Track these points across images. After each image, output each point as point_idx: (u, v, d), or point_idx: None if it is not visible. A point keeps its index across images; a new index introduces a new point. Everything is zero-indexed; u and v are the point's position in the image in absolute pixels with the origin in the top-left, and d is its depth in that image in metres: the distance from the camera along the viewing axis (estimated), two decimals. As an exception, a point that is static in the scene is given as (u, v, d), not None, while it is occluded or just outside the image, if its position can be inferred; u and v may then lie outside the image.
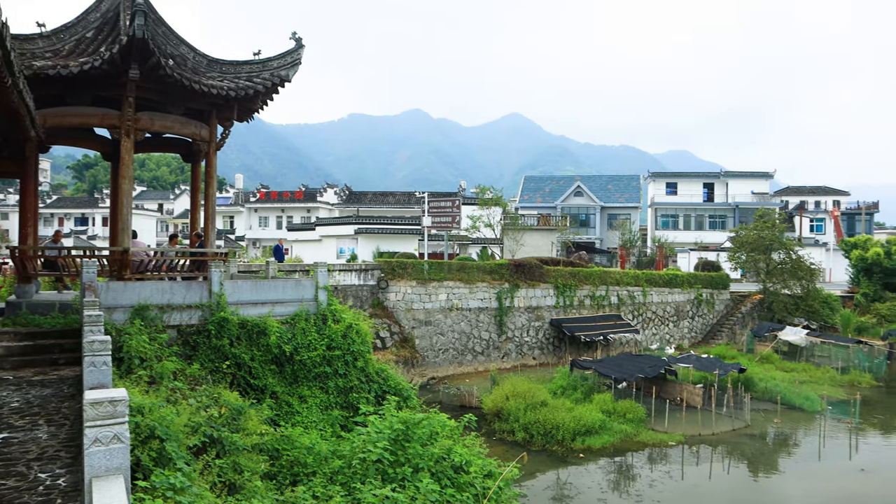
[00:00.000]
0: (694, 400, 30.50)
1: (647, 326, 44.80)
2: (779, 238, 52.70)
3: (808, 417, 30.78)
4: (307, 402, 15.84)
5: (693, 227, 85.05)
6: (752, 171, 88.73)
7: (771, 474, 23.95)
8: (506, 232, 57.13)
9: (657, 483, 21.98)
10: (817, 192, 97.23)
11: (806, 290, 50.79)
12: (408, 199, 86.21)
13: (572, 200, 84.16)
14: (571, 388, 30.39)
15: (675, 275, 48.75)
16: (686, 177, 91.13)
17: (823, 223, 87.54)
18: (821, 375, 38.45)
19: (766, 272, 51.81)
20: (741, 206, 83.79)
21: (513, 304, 38.88)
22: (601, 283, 42.86)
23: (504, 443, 25.11)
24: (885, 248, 56.18)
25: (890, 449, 27.31)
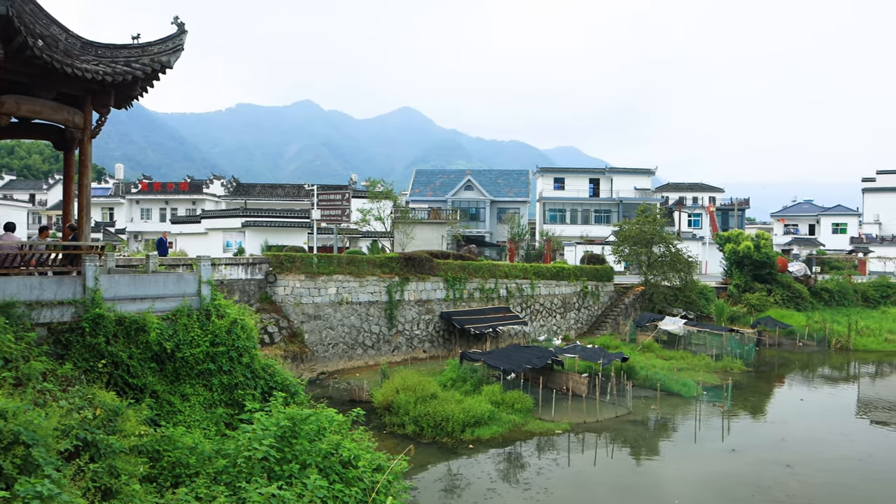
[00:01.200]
0: (579, 389, 31.35)
1: (535, 318, 45.73)
2: (659, 232, 54.86)
3: (686, 402, 32.21)
4: (190, 401, 15.27)
5: (579, 221, 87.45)
6: (636, 168, 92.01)
7: (651, 458, 24.93)
8: (396, 225, 57.07)
9: (545, 470, 22.47)
10: (695, 189, 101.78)
11: (684, 281, 53.10)
12: (297, 191, 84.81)
13: (463, 194, 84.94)
14: (461, 380, 30.68)
15: (562, 268, 49.98)
16: (573, 172, 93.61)
17: (700, 218, 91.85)
18: (697, 362, 40.35)
19: (648, 265, 53.86)
20: (625, 201, 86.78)
21: (403, 297, 38.88)
22: (490, 276, 43.43)
23: (395, 436, 25.09)
24: (754, 242, 59.39)
25: (758, 430, 28.92)
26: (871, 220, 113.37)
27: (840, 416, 32.46)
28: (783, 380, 40.64)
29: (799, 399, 35.81)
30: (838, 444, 27.10)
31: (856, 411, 34.07)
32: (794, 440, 27.20)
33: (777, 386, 38.93)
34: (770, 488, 21.47)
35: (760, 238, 61.02)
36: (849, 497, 21.18)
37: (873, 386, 40.91)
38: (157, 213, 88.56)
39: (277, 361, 18.89)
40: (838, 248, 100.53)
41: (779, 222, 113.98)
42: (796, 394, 37.19)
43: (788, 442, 26.85)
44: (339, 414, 14.81)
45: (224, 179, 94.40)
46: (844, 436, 28.46)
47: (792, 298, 59.36)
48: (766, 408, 33.49)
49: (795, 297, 59.70)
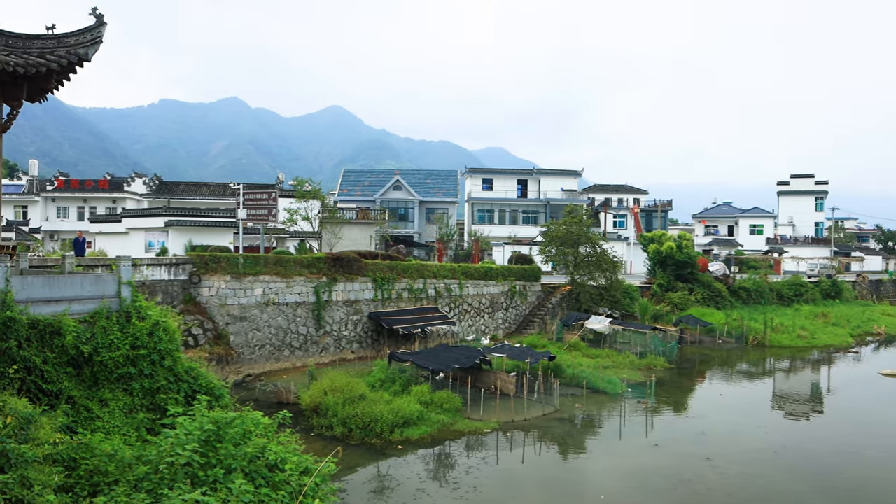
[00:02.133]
0: (507, 388, 31.58)
1: (463, 318, 45.94)
2: (586, 233, 55.78)
3: (611, 399, 32.83)
4: (109, 406, 14.79)
5: (508, 221, 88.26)
6: (563, 170, 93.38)
7: (578, 454, 25.33)
8: (324, 225, 56.55)
9: (474, 469, 22.58)
10: (620, 191, 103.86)
11: (609, 281, 54.09)
12: (223, 190, 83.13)
13: (391, 194, 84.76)
14: (390, 380, 30.57)
15: (490, 268, 50.33)
16: (501, 173, 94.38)
17: (625, 219, 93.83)
18: (622, 360, 41.17)
19: (575, 265, 54.69)
20: (552, 202, 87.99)
21: (331, 298, 38.53)
22: (419, 276, 43.44)
23: (323, 438, 24.83)
24: (677, 243, 60.99)
25: (680, 424, 29.69)
26: (786, 221, 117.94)
27: (756, 410, 33.65)
28: (704, 376, 41.82)
29: (718, 394, 36.92)
30: (754, 436, 28.07)
31: (771, 405, 35.33)
32: (714, 434, 28.05)
33: (698, 382, 40.04)
34: (691, 481, 22.09)
35: (682, 239, 62.70)
36: (762, 487, 21.94)
37: (787, 380, 42.48)
38: (75, 212, 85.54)
39: (202, 364, 18.50)
40: (755, 248, 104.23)
41: (700, 223, 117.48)
42: (716, 389, 38.34)
43: (708, 436, 27.66)
44: (266, 417, 14.59)
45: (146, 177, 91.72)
46: (760, 428, 29.52)
47: (712, 297, 61.19)
48: (688, 403, 34.40)
49: (715, 295, 61.57)
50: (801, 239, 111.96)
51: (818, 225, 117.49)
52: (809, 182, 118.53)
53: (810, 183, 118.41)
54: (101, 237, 54.64)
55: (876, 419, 32.30)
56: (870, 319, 65.68)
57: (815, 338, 54.63)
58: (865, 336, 59.81)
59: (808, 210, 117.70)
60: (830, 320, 61.52)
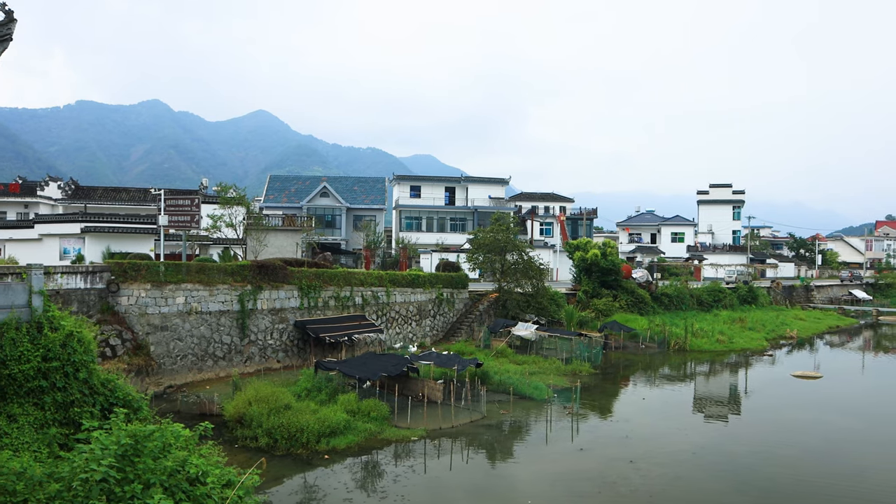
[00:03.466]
0: (435, 395, 31.57)
1: (391, 326, 45.73)
2: (513, 240, 56.27)
3: (538, 405, 33.13)
4: (18, 422, 14.11)
5: (435, 228, 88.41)
6: (491, 178, 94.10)
7: (505, 460, 25.45)
8: (249, 232, 55.52)
9: (401, 478, 22.44)
10: (547, 199, 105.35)
11: (536, 288, 54.66)
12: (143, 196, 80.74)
13: (318, 201, 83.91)
14: (316, 389, 30.17)
15: (417, 275, 50.27)
16: (429, 181, 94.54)
17: (552, 227, 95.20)
18: (548, 366, 41.62)
19: (502, 272, 55.10)
20: (480, 209, 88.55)
21: (256, 306, 37.83)
22: (346, 283, 43.06)
23: (247, 450, 24.29)
24: (601, 250, 62.13)
25: (605, 428, 30.15)
26: (706, 229, 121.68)
27: (678, 413, 34.50)
28: (628, 380, 42.63)
29: (642, 398, 37.68)
30: (676, 438, 28.77)
31: (692, 407, 36.25)
32: (637, 437, 28.61)
33: (622, 386, 40.78)
34: (615, 483, 22.47)
35: (607, 246, 63.90)
36: (682, 487, 22.52)
37: (707, 383, 43.68)
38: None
39: (120, 376, 17.84)
40: (677, 255, 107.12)
41: (624, 231, 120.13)
42: (639, 393, 39.12)
43: (632, 439, 28.19)
44: (187, 429, 14.18)
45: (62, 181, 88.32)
46: (681, 430, 30.28)
47: (636, 303, 62.50)
48: (613, 407, 34.99)
49: (639, 302, 62.91)
50: (719, 246, 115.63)
51: (735, 233, 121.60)
52: (727, 192, 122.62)
53: (728, 192, 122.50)
54: (12, 244, 52.37)
55: (788, 419, 33.52)
56: (783, 324, 68.20)
57: (733, 342, 56.38)
58: (779, 339, 62.04)
59: (726, 219, 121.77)
60: (747, 325, 63.62)
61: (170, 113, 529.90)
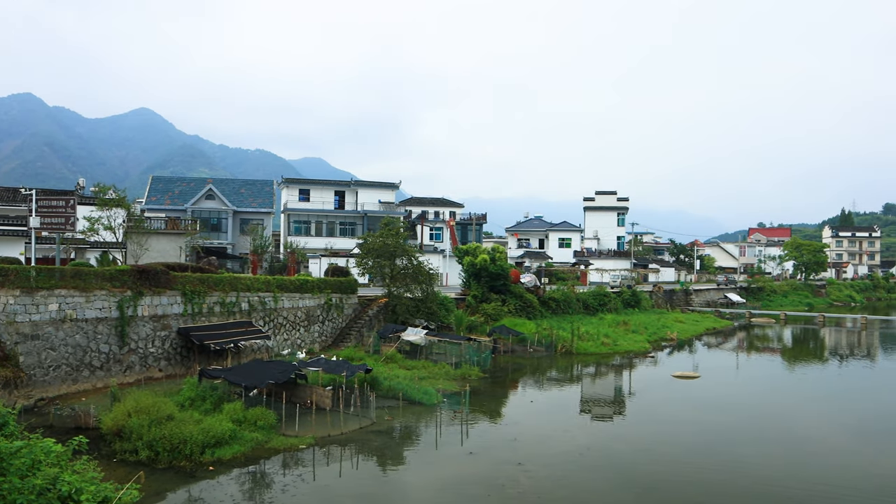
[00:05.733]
0: (324, 402, 31.17)
1: (278, 332, 44.82)
2: (402, 245, 56.21)
3: (428, 410, 33.20)
4: None
5: (325, 233, 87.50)
6: (381, 182, 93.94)
7: (396, 466, 25.37)
8: (129, 236, 53.30)
9: (290, 487, 22.02)
10: (437, 204, 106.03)
11: (426, 293, 54.79)
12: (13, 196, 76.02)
13: (204, 204, 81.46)
14: (200, 398, 29.16)
15: (306, 280, 49.48)
16: (319, 184, 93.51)
17: (442, 232, 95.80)
18: (438, 371, 41.80)
19: (391, 277, 54.94)
20: (370, 214, 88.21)
21: (136, 313, 36.23)
22: (232, 289, 41.90)
23: (126, 464, 23.19)
24: (490, 255, 62.93)
25: (494, 432, 30.52)
26: (591, 235, 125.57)
27: (565, 414, 35.37)
28: (516, 384, 43.32)
29: (530, 401, 38.38)
30: (562, 439, 29.47)
31: (578, 409, 37.21)
32: (525, 439, 29.11)
33: (511, 390, 41.41)
34: (503, 486, 22.77)
35: (496, 251, 64.80)
36: (569, 487, 23.07)
37: (593, 385, 44.96)
38: None
39: (-17, 388, 16.68)
40: (564, 260, 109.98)
41: (513, 237, 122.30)
42: (528, 396, 39.84)
43: (520, 441, 28.66)
44: (59, 444, 13.38)
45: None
46: (567, 432, 31.05)
47: (524, 308, 63.63)
48: (502, 411, 35.47)
49: (527, 306, 64.08)
50: (605, 252, 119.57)
51: (620, 239, 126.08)
52: (612, 199, 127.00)
53: (613, 199, 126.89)
54: None
55: (669, 417, 34.95)
56: (664, 326, 71.08)
57: (618, 344, 58.30)
58: (661, 341, 64.60)
59: (611, 225, 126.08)
60: (630, 328, 65.93)
61: (43, 108, 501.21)
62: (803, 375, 51.18)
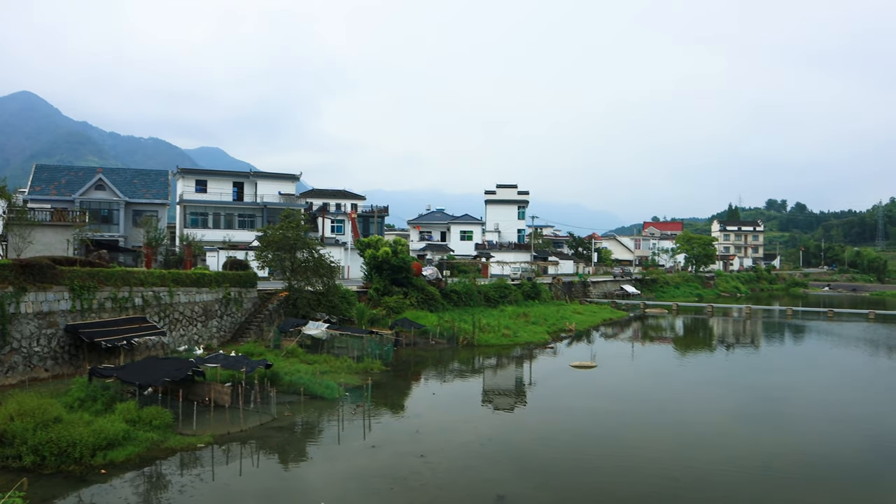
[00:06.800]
0: (222, 399, 30.48)
1: (174, 328, 43.43)
2: (303, 238, 55.41)
3: (330, 405, 32.94)
4: None
5: (223, 225, 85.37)
6: (281, 173, 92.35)
7: (298, 462, 25.04)
8: (11, 228, 50.44)
9: (188, 487, 21.40)
10: (338, 196, 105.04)
11: (327, 286, 54.23)
12: None
13: (93, 194, 77.99)
14: (91, 399, 27.94)
15: (203, 274, 48.09)
16: (216, 175, 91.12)
17: (343, 224, 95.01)
18: (340, 365, 41.49)
19: (292, 270, 54.09)
20: (269, 206, 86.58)
21: (19, 310, 34.31)
22: (124, 283, 40.29)
23: (9, 471, 21.95)
24: (392, 248, 62.86)
25: (396, 425, 30.54)
26: (493, 228, 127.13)
27: (467, 406, 35.74)
28: (419, 376, 43.45)
29: (432, 393, 38.59)
30: (464, 430, 29.75)
31: (480, 400, 37.65)
32: (427, 431, 29.26)
33: (413, 383, 41.50)
34: (406, 478, 22.82)
35: (398, 244, 64.76)
36: (470, 477, 23.35)
37: (494, 376, 45.55)
38: None
39: None
40: (466, 253, 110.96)
41: (415, 229, 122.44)
42: (430, 389, 40.03)
43: (422, 433, 28.78)
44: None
45: None
46: (469, 423, 31.37)
47: (426, 300, 63.87)
48: (404, 404, 35.50)
49: (429, 299, 64.34)
50: (505, 244, 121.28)
51: (520, 231, 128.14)
52: (513, 192, 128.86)
53: (514, 193, 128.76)
54: None
55: (567, 406, 35.85)
56: (563, 317, 72.82)
57: (518, 336, 59.31)
58: (560, 332, 66.13)
59: (512, 218, 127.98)
60: (531, 319, 67.20)
61: None
62: (693, 363, 53.39)
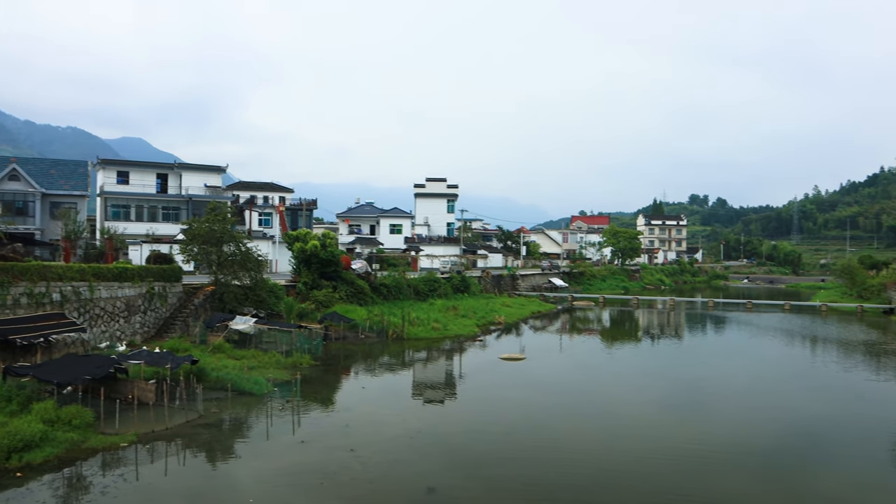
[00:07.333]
0: (146, 396, 29.78)
1: (95, 324, 42.11)
2: (230, 231, 54.38)
3: (258, 400, 32.54)
4: None
5: (146, 218, 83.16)
6: (207, 165, 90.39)
7: (226, 459, 24.65)
8: (-82, 221, 48.19)
9: (111, 488, 20.83)
10: (266, 188, 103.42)
11: (255, 280, 53.39)
12: None
13: (7, 185, 74.87)
14: (5, 399, 26.87)
15: (125, 268, 46.73)
16: (139, 166, 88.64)
17: (271, 217, 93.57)
18: (268, 360, 40.96)
19: (218, 264, 53.04)
20: (195, 198, 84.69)
21: (-72, 306, 32.83)
22: (41, 278, 38.82)
23: (-85, 474, 21.02)
24: (321, 242, 62.30)
25: (326, 419, 30.37)
26: (422, 221, 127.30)
27: (397, 399, 35.80)
28: (348, 371, 43.26)
29: (362, 387, 38.49)
30: (394, 424, 29.78)
31: (410, 394, 37.73)
32: (357, 426, 29.17)
33: (343, 377, 41.31)
34: (336, 473, 22.72)
35: (327, 237, 64.21)
36: (400, 470, 23.45)
37: (424, 370, 45.71)
38: None
39: None
40: (395, 246, 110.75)
41: (344, 223, 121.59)
42: (360, 382, 39.91)
43: (352, 428, 28.67)
44: None
45: None
46: (399, 416, 31.46)
47: (355, 294, 63.55)
48: (334, 398, 35.31)
49: (358, 292, 64.03)
50: (435, 238, 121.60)
51: (450, 225, 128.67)
52: (442, 185, 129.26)
53: (443, 186, 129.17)
54: None
55: (497, 398, 36.25)
56: (492, 310, 73.50)
57: (448, 329, 59.59)
58: (489, 325, 66.73)
59: (442, 211, 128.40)
60: (460, 312, 67.57)
61: None
62: (620, 355, 54.63)
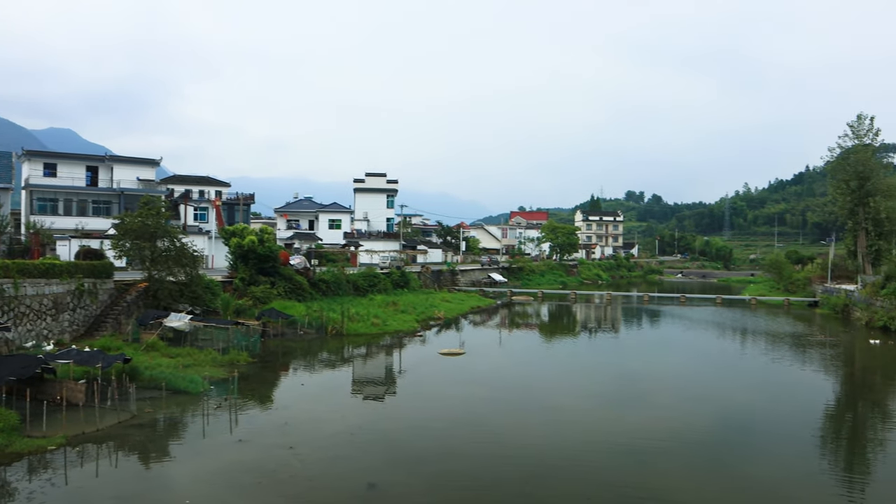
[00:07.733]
0: (76, 397, 28.80)
1: (20, 322, 40.53)
2: (164, 226, 52.99)
3: (194, 399, 31.81)
4: None
5: (75, 212, 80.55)
6: (139, 158, 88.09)
7: (160, 460, 24.02)
8: None
9: (38, 494, 20.01)
10: (202, 182, 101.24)
11: (190, 276, 52.16)
12: None
13: (-74, 179, 71.71)
14: (-77, 401, 25.70)
15: (53, 264, 45.10)
16: (68, 158, 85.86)
17: (207, 212, 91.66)
18: (204, 358, 40.10)
19: (152, 260, 51.65)
20: (127, 192, 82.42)
21: None
22: (-36, 275, 37.27)
23: None
24: (259, 237, 61.33)
25: (264, 417, 29.84)
26: (362, 216, 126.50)
27: (336, 396, 35.43)
28: (287, 368, 42.68)
29: (301, 384, 38.01)
30: (333, 420, 29.48)
31: (350, 390, 37.38)
32: (296, 423, 28.74)
33: (281, 374, 40.73)
34: (275, 471, 22.34)
35: (264, 233, 63.26)
36: (340, 467, 23.16)
37: (364, 366, 45.35)
38: None
39: None
40: (334, 242, 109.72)
41: (282, 217, 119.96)
42: (299, 379, 39.42)
43: (291, 425, 28.23)
44: None
45: None
46: (339, 413, 31.16)
47: (294, 290, 62.72)
48: (272, 396, 34.78)
49: (297, 288, 63.22)
50: (374, 233, 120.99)
51: (389, 220, 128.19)
52: (382, 181, 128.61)
53: (383, 182, 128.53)
54: None
55: (437, 393, 36.23)
56: (432, 306, 73.46)
57: (388, 324, 59.30)
58: (429, 321, 66.63)
59: (381, 206, 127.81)
60: (400, 308, 67.34)
61: None
62: (559, 349, 55.19)
